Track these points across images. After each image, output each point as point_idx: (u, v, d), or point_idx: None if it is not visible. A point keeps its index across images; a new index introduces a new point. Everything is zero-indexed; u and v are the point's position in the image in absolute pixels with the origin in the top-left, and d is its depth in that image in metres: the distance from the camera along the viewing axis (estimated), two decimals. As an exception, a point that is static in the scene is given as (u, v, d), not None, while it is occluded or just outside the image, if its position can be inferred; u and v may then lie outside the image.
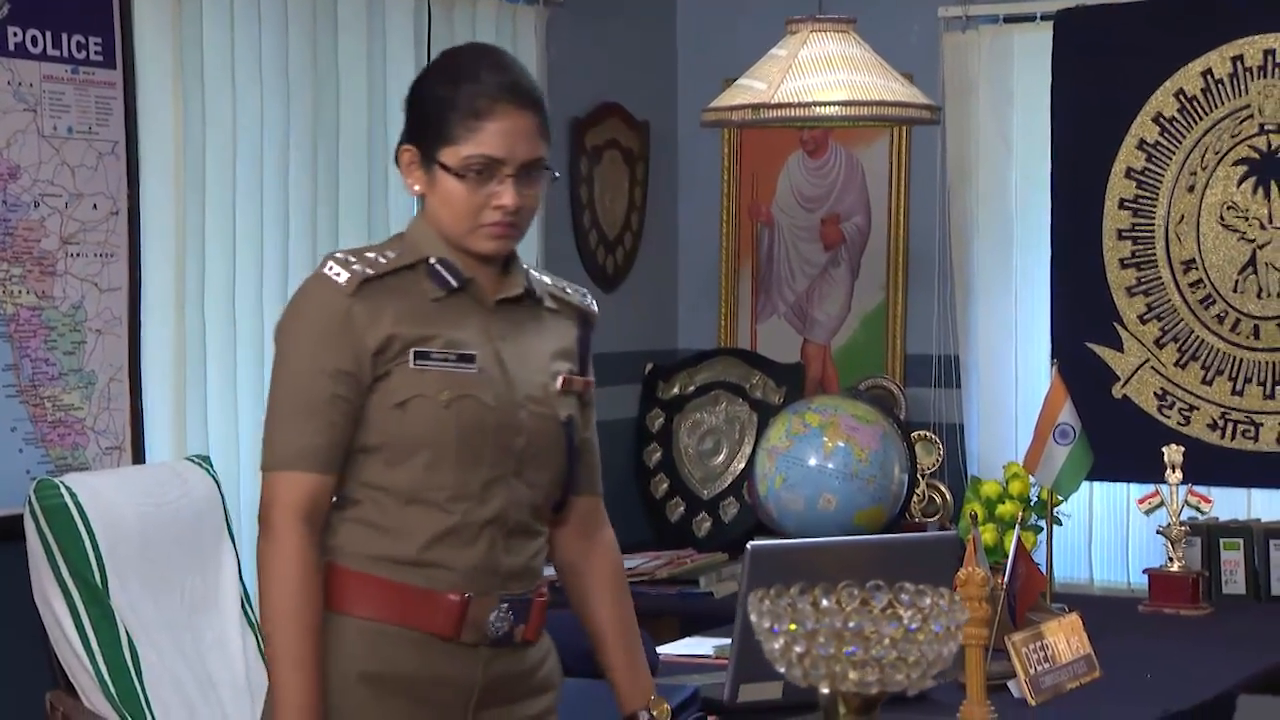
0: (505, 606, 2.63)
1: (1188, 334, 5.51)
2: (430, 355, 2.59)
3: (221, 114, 4.62)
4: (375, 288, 2.60)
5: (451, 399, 2.58)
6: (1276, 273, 5.40)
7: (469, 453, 2.59)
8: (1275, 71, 5.39)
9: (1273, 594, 5.10)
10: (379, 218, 5.06)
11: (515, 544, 2.66)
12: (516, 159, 2.60)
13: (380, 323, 2.58)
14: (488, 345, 2.65)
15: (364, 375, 2.58)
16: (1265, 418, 5.43)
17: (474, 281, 2.66)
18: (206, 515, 4.27)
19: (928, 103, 4.28)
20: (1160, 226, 5.54)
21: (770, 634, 1.44)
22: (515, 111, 2.60)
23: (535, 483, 2.68)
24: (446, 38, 5.24)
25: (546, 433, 2.68)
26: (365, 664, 2.58)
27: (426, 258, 2.64)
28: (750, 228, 6.18)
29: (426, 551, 2.60)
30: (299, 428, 2.57)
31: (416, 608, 2.59)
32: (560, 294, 2.80)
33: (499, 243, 2.64)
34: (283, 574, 2.55)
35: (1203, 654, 4.02)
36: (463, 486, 2.60)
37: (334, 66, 4.92)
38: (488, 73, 2.62)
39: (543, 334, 2.74)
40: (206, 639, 4.21)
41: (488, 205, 2.60)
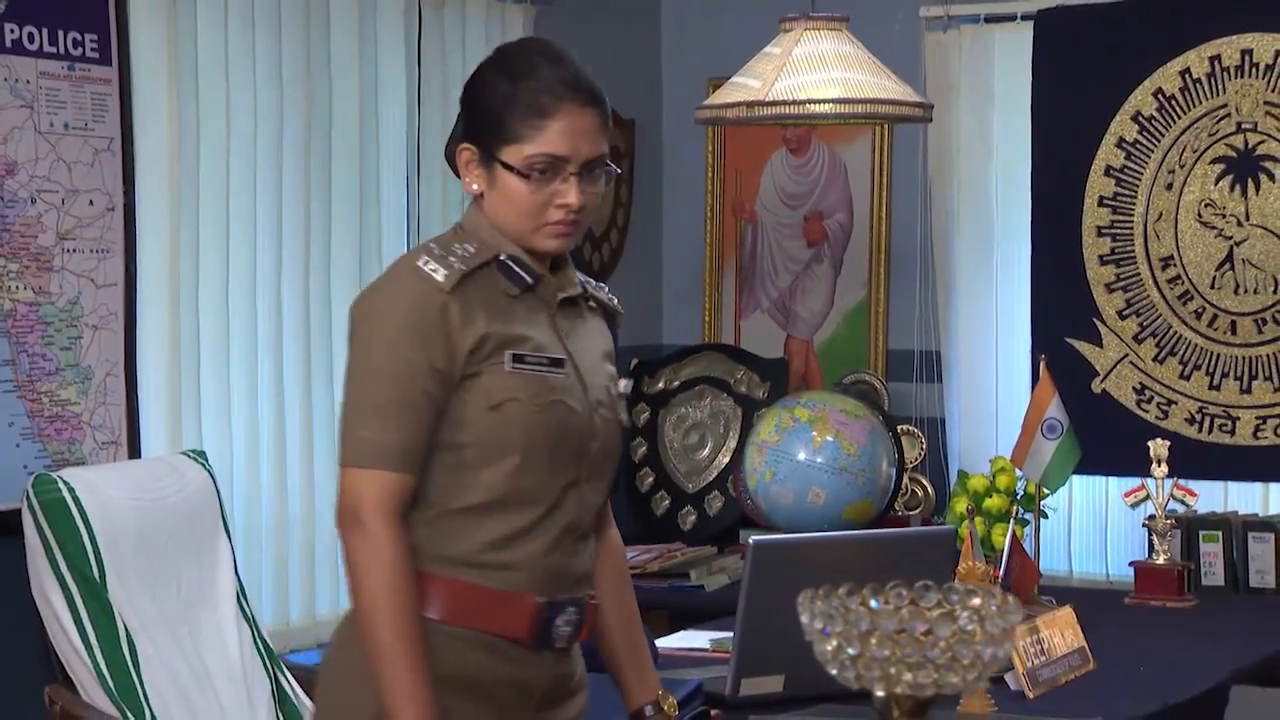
0: (573, 610, 2.57)
1: (1166, 329, 5.48)
2: (525, 359, 2.51)
3: (215, 111, 4.56)
4: (469, 283, 2.51)
5: (545, 404, 2.51)
6: (1253, 269, 5.37)
7: (554, 458, 2.52)
8: (1252, 71, 5.35)
9: (1251, 586, 5.08)
10: (370, 214, 5.01)
11: (581, 547, 2.60)
12: (580, 157, 2.51)
13: (474, 321, 2.49)
14: (561, 347, 2.58)
15: (455, 373, 2.48)
16: (1242, 412, 5.40)
17: (544, 279, 2.58)
18: (203, 509, 4.22)
19: (920, 100, 4.23)
20: (1139, 224, 5.50)
21: (822, 635, 1.38)
22: (578, 108, 2.50)
23: (599, 486, 2.63)
24: (437, 37, 5.21)
25: (612, 436, 2.63)
26: (445, 667, 2.48)
27: (498, 254, 2.54)
28: (734, 225, 6.13)
29: (503, 554, 2.51)
30: (390, 423, 2.45)
31: (492, 611, 2.51)
32: (595, 291, 2.72)
33: (562, 241, 2.56)
34: (382, 572, 2.43)
35: (1192, 645, 3.97)
36: (545, 490, 2.52)
37: (326, 64, 4.86)
38: (548, 68, 2.52)
39: (593, 334, 2.67)
40: (203, 632, 4.16)
41: (551, 204, 2.52)
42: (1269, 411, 5.38)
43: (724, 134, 6.12)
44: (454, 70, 5.28)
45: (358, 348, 2.51)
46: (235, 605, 4.24)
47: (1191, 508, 4.70)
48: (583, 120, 2.50)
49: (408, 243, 5.15)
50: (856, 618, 1.35)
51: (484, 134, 2.54)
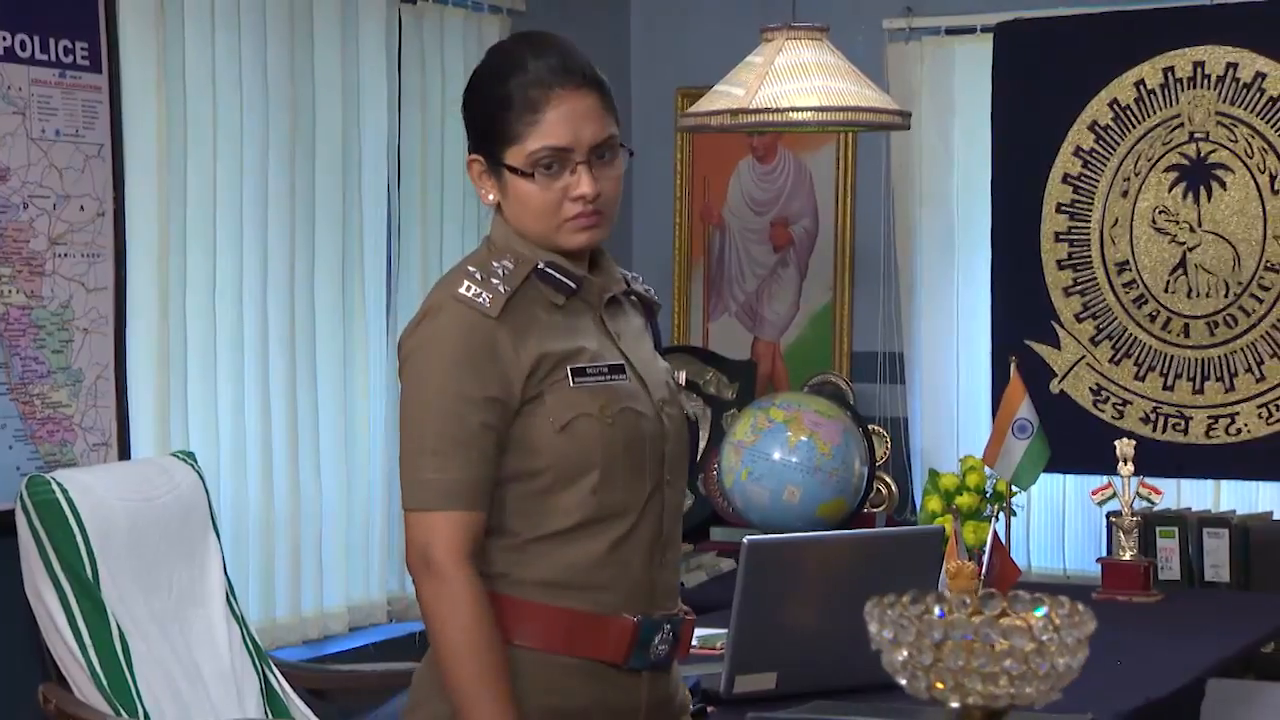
0: (668, 628, 2.38)
1: (1121, 332, 5.47)
2: (586, 371, 2.32)
3: (202, 118, 4.49)
4: (515, 303, 2.32)
5: (614, 414, 2.32)
6: (1205, 274, 5.36)
7: (633, 467, 2.34)
8: (1204, 82, 5.35)
9: (1206, 580, 5.07)
10: (352, 218, 4.94)
11: (668, 558, 2.41)
12: (584, 143, 2.30)
13: (527, 342, 2.30)
14: (615, 349, 2.39)
15: (514, 401, 2.30)
16: (1194, 412, 5.40)
17: (588, 280, 2.39)
18: (193, 510, 4.14)
19: (900, 109, 4.19)
20: (1095, 230, 5.49)
21: (892, 644, 1.32)
22: (571, 93, 2.31)
23: (679, 487, 2.43)
24: (416, 45, 5.15)
25: (682, 433, 2.44)
26: (541, 698, 2.31)
27: (535, 264, 2.35)
28: (702, 230, 6.08)
29: (594, 575, 2.32)
30: (451, 463, 2.26)
31: (587, 635, 2.32)
32: (632, 284, 2.53)
33: (588, 234, 2.34)
34: (459, 617, 2.25)
35: (1164, 640, 3.94)
36: (629, 504, 2.34)
37: (310, 72, 4.79)
38: (533, 59, 2.33)
39: (640, 330, 2.49)
40: (194, 631, 4.09)
41: (565, 198, 2.31)
42: (1220, 411, 5.37)
43: (692, 142, 6.07)
44: (433, 78, 5.22)
45: (409, 386, 2.33)
46: (225, 604, 4.16)
47: (1156, 505, 4.68)
48: (579, 105, 2.31)
49: (388, 247, 5.08)
50: (929, 627, 1.28)
51: (486, 140, 2.36)
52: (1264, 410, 5.32)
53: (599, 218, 2.34)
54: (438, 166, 5.24)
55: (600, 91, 2.35)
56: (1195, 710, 3.52)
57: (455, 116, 5.24)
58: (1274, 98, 5.27)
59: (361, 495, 4.98)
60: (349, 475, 4.93)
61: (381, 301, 5.05)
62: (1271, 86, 5.27)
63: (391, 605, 5.11)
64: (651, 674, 2.38)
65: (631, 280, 2.52)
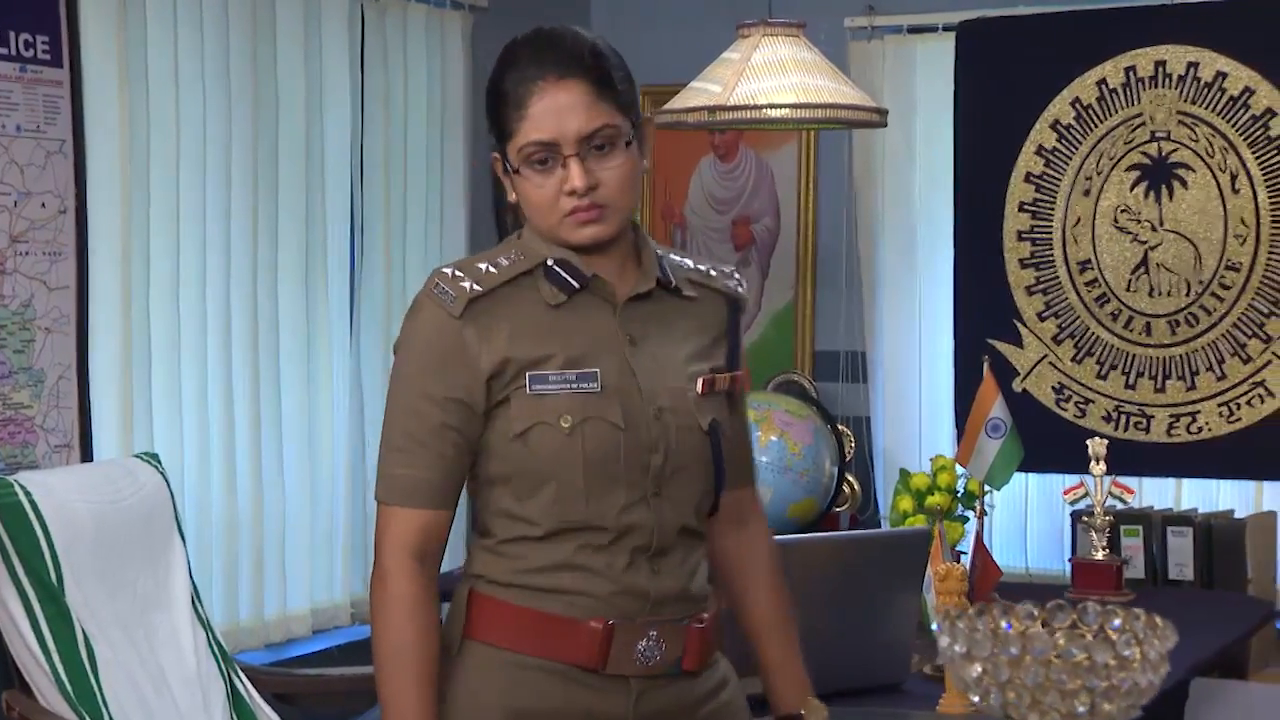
0: (654, 634, 2.26)
1: (1084, 331, 5.42)
2: (548, 378, 2.22)
3: (165, 114, 4.38)
4: (486, 304, 2.24)
5: (574, 425, 2.22)
6: (1167, 273, 5.32)
7: (600, 480, 2.23)
8: (1165, 81, 5.30)
9: (1170, 578, 5.01)
10: (315, 216, 4.83)
11: (665, 566, 2.27)
12: (570, 135, 2.20)
13: (493, 344, 2.23)
14: (614, 354, 2.27)
15: (477, 403, 2.23)
16: (1156, 410, 5.35)
17: (597, 279, 2.27)
18: (157, 512, 4.03)
19: (877, 106, 4.11)
20: (1058, 229, 5.44)
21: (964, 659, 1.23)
22: (555, 84, 2.20)
23: (681, 499, 2.29)
24: (379, 41, 5.06)
25: (688, 445, 2.28)
26: (510, 699, 2.25)
27: (544, 260, 2.26)
28: (663, 228, 5.99)
29: (564, 578, 2.24)
30: (408, 460, 2.24)
31: (558, 637, 2.24)
32: (703, 279, 2.37)
33: (588, 229, 2.23)
34: (391, 616, 2.22)
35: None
36: (600, 516, 2.23)
37: (273, 68, 4.69)
38: (526, 53, 2.25)
39: (683, 329, 2.33)
40: (159, 635, 3.98)
41: (561, 193, 2.21)
42: (1181, 410, 5.33)
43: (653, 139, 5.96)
44: (395, 75, 5.12)
45: (390, 380, 2.32)
46: (190, 608, 4.05)
47: (1128, 504, 4.62)
48: (562, 96, 2.20)
49: (351, 245, 4.99)
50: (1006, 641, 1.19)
51: (496, 138, 2.29)
52: (1225, 409, 5.28)
53: (599, 211, 2.23)
54: (400, 164, 5.13)
55: (593, 82, 2.23)
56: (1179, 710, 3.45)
57: (418, 113, 5.15)
58: (1234, 97, 5.23)
59: (325, 495, 4.87)
60: (312, 475, 4.83)
61: (345, 300, 4.95)
62: (1232, 86, 5.23)
63: (355, 607, 5.00)
64: (646, 681, 2.27)
65: (704, 275, 2.39)
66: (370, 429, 5.03)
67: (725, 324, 2.38)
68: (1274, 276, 5.20)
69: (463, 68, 5.31)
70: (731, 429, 2.39)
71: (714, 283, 2.39)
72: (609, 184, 2.23)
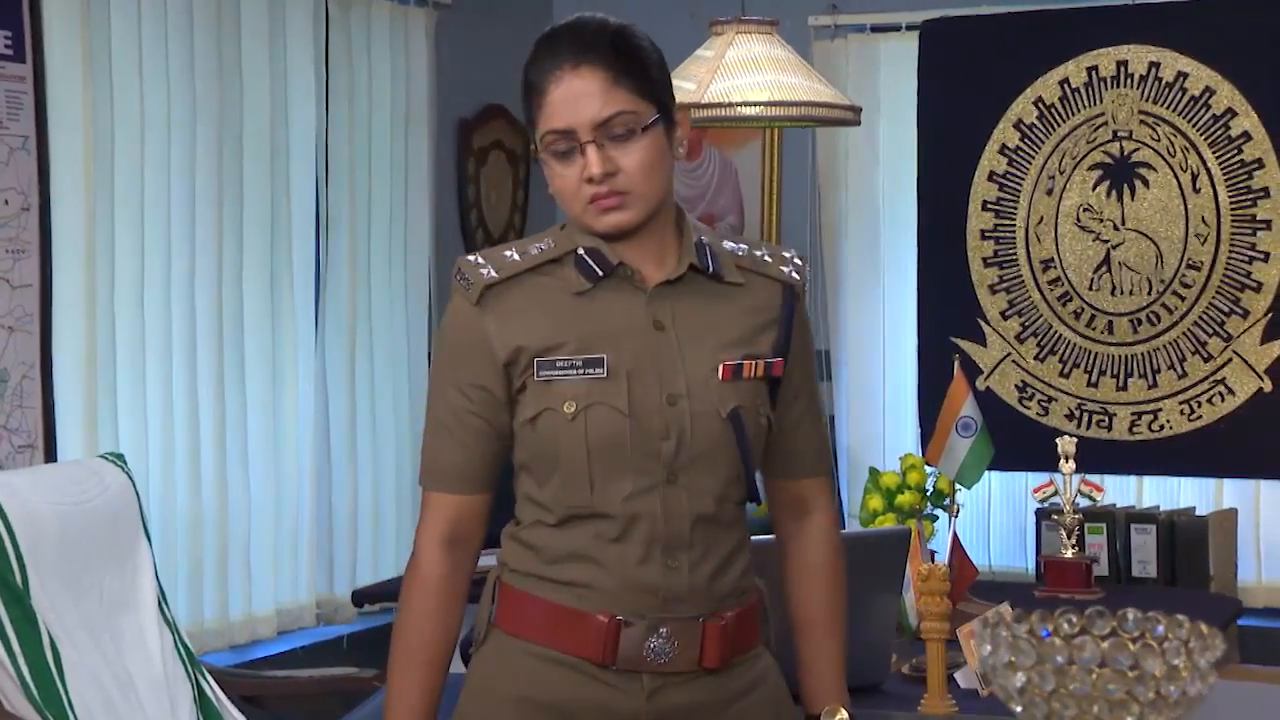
0: (665, 630, 2.20)
1: (1047, 329, 5.40)
2: (555, 364, 2.20)
3: (129, 110, 4.31)
4: (505, 291, 2.22)
5: (578, 410, 2.19)
6: (1129, 271, 5.31)
7: (606, 466, 2.19)
8: (1127, 81, 5.30)
9: (1133, 575, 5.00)
10: (280, 214, 4.77)
11: (682, 561, 2.21)
12: (584, 122, 2.15)
13: (509, 332, 2.22)
14: (635, 340, 2.21)
15: (498, 389, 2.23)
16: (1118, 408, 5.34)
17: (624, 266, 2.22)
18: (123, 513, 3.95)
19: (851, 104, 4.07)
20: (1021, 227, 5.42)
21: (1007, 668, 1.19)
22: (570, 72, 2.17)
23: (699, 488, 2.21)
24: (343, 37, 5.00)
25: (705, 432, 2.20)
26: (522, 688, 2.23)
27: (575, 248, 2.23)
28: (626, 227, 5.93)
29: (573, 570, 2.21)
30: (439, 446, 2.27)
31: (569, 630, 2.21)
32: (754, 264, 2.29)
33: (610, 216, 2.18)
34: (410, 597, 2.26)
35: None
36: (606, 504, 2.19)
37: (238, 64, 4.63)
38: (549, 41, 2.21)
39: (723, 314, 2.25)
40: (125, 638, 3.89)
41: (582, 181, 2.17)
42: (1143, 408, 5.33)
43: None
44: (360, 71, 5.06)
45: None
46: (156, 610, 3.97)
47: (1098, 502, 4.60)
48: (576, 84, 2.17)
49: (316, 243, 4.93)
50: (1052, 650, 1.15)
51: (530, 127, 2.26)
52: (1186, 407, 5.28)
53: (620, 199, 2.18)
54: (365, 161, 5.08)
55: (608, 68, 2.18)
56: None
57: (383, 110, 5.09)
58: (1195, 97, 5.22)
59: (290, 496, 4.81)
60: (278, 475, 4.76)
61: (310, 299, 4.89)
62: (1193, 86, 5.23)
63: (320, 608, 4.94)
64: (660, 678, 2.21)
65: (753, 260, 2.30)
66: (335, 428, 4.97)
67: (778, 310, 2.28)
68: (1234, 275, 5.20)
69: (427, 64, 5.25)
70: (789, 417, 2.32)
71: (766, 268, 2.30)
72: (629, 171, 2.18)
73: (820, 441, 2.38)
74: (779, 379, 2.28)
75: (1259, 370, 5.20)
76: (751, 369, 2.24)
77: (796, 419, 2.33)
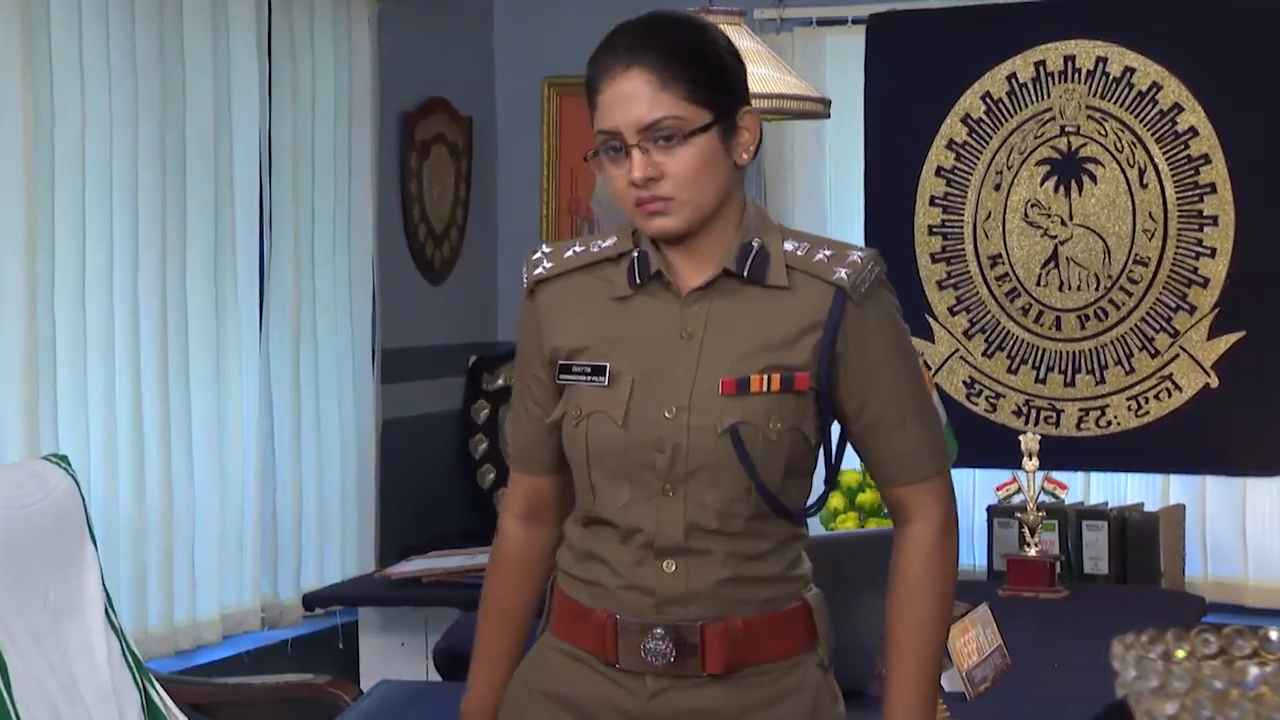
0: (661, 633, 2.17)
1: (994, 325, 5.34)
2: (571, 369, 2.22)
3: (70, 104, 4.19)
4: (555, 288, 2.24)
5: (581, 417, 2.20)
6: (1077, 267, 5.26)
7: (604, 474, 2.19)
8: (1075, 76, 5.25)
9: (1085, 572, 4.94)
10: (224, 210, 4.62)
11: (682, 566, 2.16)
12: (630, 126, 2.11)
13: (551, 330, 2.25)
14: (652, 349, 2.17)
15: (549, 381, 2.26)
16: (1066, 404, 5.29)
17: (660, 276, 2.18)
18: (68, 517, 3.79)
19: (822, 96, 3.97)
20: (969, 223, 5.36)
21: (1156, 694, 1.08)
22: (620, 74, 2.12)
23: (700, 501, 2.15)
24: (286, 31, 4.88)
25: (702, 447, 2.15)
26: (541, 680, 2.28)
27: (634, 248, 2.19)
28: (570, 223, 5.81)
29: (589, 568, 2.23)
30: (515, 426, 2.36)
31: (579, 625, 2.23)
32: (805, 265, 2.18)
33: (657, 221, 2.13)
34: (492, 565, 2.37)
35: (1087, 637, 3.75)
36: (608, 508, 2.19)
37: (180, 56, 4.49)
38: (611, 38, 2.16)
39: (755, 319, 2.17)
40: (71, 645, 3.74)
41: (629, 182, 2.12)
42: (1091, 404, 5.28)
43: (560, 132, 5.80)
44: (303, 63, 4.92)
45: None
46: (103, 616, 3.82)
47: (1061, 500, 4.53)
48: (625, 86, 2.11)
49: (260, 240, 4.79)
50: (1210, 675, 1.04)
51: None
52: (1133, 403, 5.23)
53: (664, 203, 2.12)
54: (309, 154, 4.94)
55: (656, 70, 2.11)
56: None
57: (326, 102, 4.95)
58: (1142, 92, 5.17)
59: (235, 496, 4.66)
60: (222, 476, 4.61)
61: (254, 294, 4.75)
62: (1140, 81, 5.17)
63: (265, 612, 4.79)
64: (665, 680, 2.18)
65: (812, 261, 2.19)
66: (279, 427, 4.81)
67: (826, 314, 2.16)
68: (1181, 271, 5.16)
69: (369, 56, 5.12)
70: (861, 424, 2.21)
71: (819, 270, 2.18)
72: (673, 176, 2.12)
73: (909, 445, 2.22)
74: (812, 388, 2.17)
75: (1205, 366, 5.16)
76: (763, 382, 2.15)
77: (870, 425, 2.22)
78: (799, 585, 2.24)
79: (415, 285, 5.47)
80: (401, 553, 5.01)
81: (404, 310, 5.36)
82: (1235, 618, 4.91)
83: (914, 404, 2.24)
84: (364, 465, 5.09)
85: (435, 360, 5.55)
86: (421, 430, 5.47)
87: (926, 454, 2.23)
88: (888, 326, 2.22)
